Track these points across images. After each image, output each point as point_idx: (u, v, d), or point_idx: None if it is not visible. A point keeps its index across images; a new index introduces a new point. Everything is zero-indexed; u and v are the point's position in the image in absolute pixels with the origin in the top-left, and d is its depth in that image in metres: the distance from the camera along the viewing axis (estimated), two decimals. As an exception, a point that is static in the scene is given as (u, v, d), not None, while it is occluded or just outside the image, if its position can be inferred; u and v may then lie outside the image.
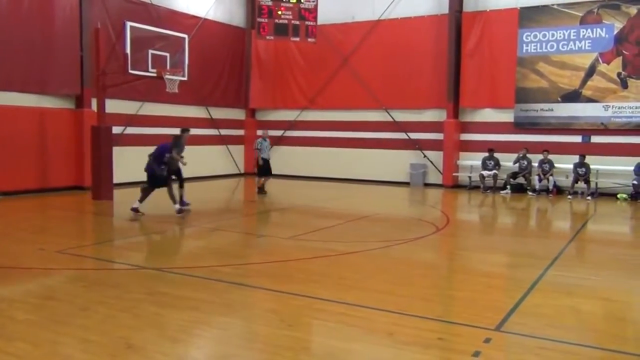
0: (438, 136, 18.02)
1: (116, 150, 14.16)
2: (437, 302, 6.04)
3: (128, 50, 12.96)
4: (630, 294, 6.52)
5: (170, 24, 16.58)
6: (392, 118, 18.84)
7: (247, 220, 11.96)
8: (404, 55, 18.33)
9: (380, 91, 18.76)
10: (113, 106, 14.68)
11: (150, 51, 13.79)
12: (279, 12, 17.25)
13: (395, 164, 18.74)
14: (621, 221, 12.68)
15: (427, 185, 18.29)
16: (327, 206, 13.65)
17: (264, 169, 15.02)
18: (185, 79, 14.36)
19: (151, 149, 11.31)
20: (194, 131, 18.60)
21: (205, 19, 19.11)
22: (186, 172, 17.88)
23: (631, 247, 9.63)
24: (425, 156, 18.51)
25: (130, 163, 15.90)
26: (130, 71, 13.14)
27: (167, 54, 14.25)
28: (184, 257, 8.24)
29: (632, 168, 15.17)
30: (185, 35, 14.79)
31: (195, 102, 18.92)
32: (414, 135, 18.60)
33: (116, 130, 14.99)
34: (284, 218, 12.37)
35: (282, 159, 19.32)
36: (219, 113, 20.14)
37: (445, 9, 17.77)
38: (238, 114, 21.30)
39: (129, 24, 13.10)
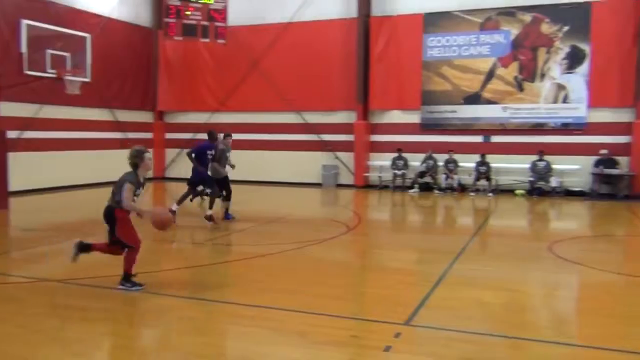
0: (349, 137, 18.36)
1: (12, 156, 13.27)
2: (349, 300, 6.15)
3: (24, 50, 12.27)
4: (528, 283, 6.96)
5: (71, 22, 15.76)
6: (304, 120, 18.99)
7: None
8: (315, 57, 18.51)
9: (291, 93, 18.84)
10: (8, 109, 13.76)
11: (49, 51, 13.13)
12: (187, 13, 16.90)
13: (308, 165, 18.89)
14: (519, 216, 13.46)
15: (339, 186, 18.56)
16: (240, 209, 13.51)
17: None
18: (87, 80, 13.80)
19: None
20: (97, 135, 18.06)
21: (110, 18, 18.34)
22: (89, 179, 17.38)
23: (528, 240, 10.28)
24: (336, 157, 18.78)
25: (28, 169, 15.02)
26: (27, 72, 12.45)
27: (68, 54, 13.66)
28: (90, 267, 7.83)
29: (528, 166, 16.18)
30: (88, 35, 14.22)
31: (100, 104, 18.11)
32: (325, 137, 18.84)
33: (12, 134, 14.06)
34: (197, 222, 12.11)
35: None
36: (125, 115, 19.40)
37: (354, 13, 18.13)
38: (145, 117, 20.64)
39: (24, 22, 12.39)
